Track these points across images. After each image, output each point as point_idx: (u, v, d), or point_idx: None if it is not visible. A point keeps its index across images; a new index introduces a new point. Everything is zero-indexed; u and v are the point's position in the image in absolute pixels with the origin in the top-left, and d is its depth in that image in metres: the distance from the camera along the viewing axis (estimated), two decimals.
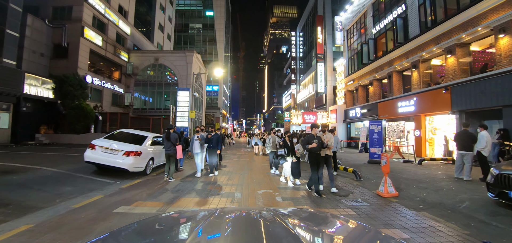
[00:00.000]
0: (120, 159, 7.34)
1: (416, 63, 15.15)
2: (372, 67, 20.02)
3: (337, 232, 1.38)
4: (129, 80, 28.74)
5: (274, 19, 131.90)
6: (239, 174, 9.04)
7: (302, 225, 1.44)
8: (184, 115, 17.23)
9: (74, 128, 17.49)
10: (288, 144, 7.41)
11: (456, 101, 12.21)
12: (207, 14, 54.58)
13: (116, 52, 26.39)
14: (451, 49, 12.66)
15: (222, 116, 53.99)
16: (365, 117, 20.63)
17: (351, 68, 24.29)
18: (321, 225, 1.51)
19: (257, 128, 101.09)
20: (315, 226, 1.49)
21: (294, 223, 1.40)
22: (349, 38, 24.82)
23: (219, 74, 18.44)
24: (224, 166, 10.98)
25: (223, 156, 14.75)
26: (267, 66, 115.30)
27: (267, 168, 10.56)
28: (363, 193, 6.46)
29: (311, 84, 37.29)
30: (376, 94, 19.88)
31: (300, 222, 1.50)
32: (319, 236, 1.32)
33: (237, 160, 13.67)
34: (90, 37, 22.43)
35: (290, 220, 1.46)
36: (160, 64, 28.89)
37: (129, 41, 29.07)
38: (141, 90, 29.27)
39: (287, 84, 61.51)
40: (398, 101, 16.34)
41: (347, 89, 24.95)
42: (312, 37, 37.35)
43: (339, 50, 30.97)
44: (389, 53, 17.85)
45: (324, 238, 1.29)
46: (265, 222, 1.36)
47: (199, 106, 34.02)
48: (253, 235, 1.19)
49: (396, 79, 17.40)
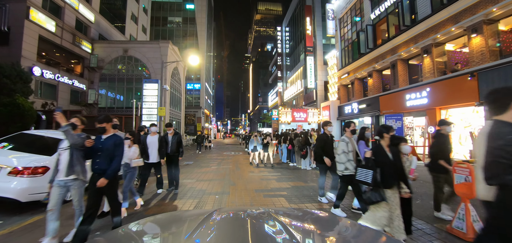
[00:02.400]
0: (3, 181, 4.20)
1: (428, 48, 12.91)
2: (371, 57, 17.75)
3: (336, 232, 1.39)
4: (93, 74, 24.83)
5: (258, 16, 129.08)
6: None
7: (299, 225, 1.43)
8: (152, 113, 14.04)
9: (7, 129, 13.73)
10: None
11: (485, 89, 9.96)
12: (187, 7, 50.92)
13: (76, 41, 22.48)
14: (476, 28, 10.44)
15: (205, 116, 50.55)
16: (364, 113, 18.33)
17: (345, 60, 22.00)
18: (319, 225, 1.51)
19: (243, 128, 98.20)
20: (314, 226, 1.49)
21: (293, 223, 1.41)
22: (343, 27, 22.53)
23: (195, 63, 15.41)
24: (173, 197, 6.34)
25: (192, 168, 11.73)
26: (252, 65, 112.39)
27: None
28: (422, 228, 3.81)
29: (299, 81, 34.93)
30: (376, 87, 17.62)
31: (299, 222, 1.50)
32: (317, 236, 1.31)
33: (213, 181, 9.21)
34: (39, 21, 18.53)
35: (289, 220, 1.45)
36: (130, 56, 25.20)
37: (93, 30, 25.15)
38: (108, 86, 25.38)
39: (273, 82, 59.09)
40: (406, 93, 14.08)
41: (340, 83, 22.64)
42: (300, 30, 35.04)
43: (330, 42, 28.77)
44: (392, 39, 15.61)
45: (322, 238, 1.30)
46: (264, 222, 1.39)
47: (177, 105, 30.61)
48: (253, 234, 1.19)
49: (401, 69, 15.16)
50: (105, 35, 27.14)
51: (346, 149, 4.33)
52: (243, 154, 18.50)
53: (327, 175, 5.65)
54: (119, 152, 3.45)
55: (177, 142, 6.42)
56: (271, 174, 9.10)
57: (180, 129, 32.19)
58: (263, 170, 10.00)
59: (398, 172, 3.13)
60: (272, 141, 12.10)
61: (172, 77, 27.80)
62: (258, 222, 1.40)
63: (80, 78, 23.58)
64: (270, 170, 9.92)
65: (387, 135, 3.27)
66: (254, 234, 1.18)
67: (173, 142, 6.38)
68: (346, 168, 4.29)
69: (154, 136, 6.06)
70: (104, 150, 3.35)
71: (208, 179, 8.20)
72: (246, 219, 1.46)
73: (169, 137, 6.41)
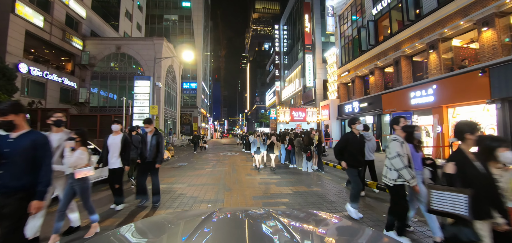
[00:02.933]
0: None
1: (434, 43, 12.29)
2: (373, 54, 17.12)
3: (335, 232, 1.41)
4: (84, 72, 23.96)
5: (255, 15, 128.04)
6: None
7: (298, 225, 1.43)
8: (144, 112, 13.25)
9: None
10: None
11: (497, 86, 9.37)
12: (184, 5, 49.98)
13: (66, 37, 21.61)
14: (487, 21, 9.83)
15: (201, 115, 49.78)
16: (365, 112, 17.70)
17: (346, 58, 21.38)
18: (318, 225, 1.50)
19: (240, 128, 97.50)
20: (313, 226, 1.48)
21: (291, 224, 1.40)
22: (342, 24, 21.90)
23: (190, 58, 14.64)
24: None
25: (184, 170, 11.05)
26: (249, 64, 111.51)
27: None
28: None
29: (297, 79, 34.29)
30: (378, 85, 17.00)
31: (300, 222, 1.50)
32: (316, 236, 1.31)
33: (206, 186, 8.07)
34: (26, 15, 17.66)
35: (288, 221, 1.45)
36: (123, 53, 24.35)
37: (84, 26, 24.27)
38: (100, 84, 24.48)
39: (271, 82, 58.43)
40: (410, 91, 13.46)
41: (340, 81, 22.01)
42: (298, 28, 34.40)
43: (329, 40, 28.17)
44: (395, 35, 14.99)
45: (321, 238, 1.30)
46: (263, 222, 1.40)
47: (173, 104, 29.80)
48: (252, 234, 1.21)
49: (405, 66, 14.54)
50: (97, 32, 26.25)
51: (401, 150, 3.27)
52: (240, 154, 17.80)
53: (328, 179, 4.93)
54: (46, 155, 2.40)
55: (157, 144, 5.03)
56: (270, 177, 8.40)
57: (176, 128, 31.38)
58: (261, 173, 9.30)
59: (492, 193, 2.03)
60: (277, 141, 10.95)
61: (167, 76, 26.99)
62: (259, 223, 1.39)
63: (70, 76, 22.71)
64: (269, 173, 9.22)
65: (471, 136, 2.21)
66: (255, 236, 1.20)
67: (153, 143, 5.01)
68: (399, 176, 3.28)
69: (117, 135, 4.86)
70: (12, 155, 2.22)
71: (201, 183, 7.48)
72: (245, 220, 1.45)
73: (148, 137, 5.05)
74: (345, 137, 4.63)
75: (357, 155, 4.50)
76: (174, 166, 11.75)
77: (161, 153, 5.06)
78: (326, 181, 7.61)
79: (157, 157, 5.02)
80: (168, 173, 9.45)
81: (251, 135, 23.87)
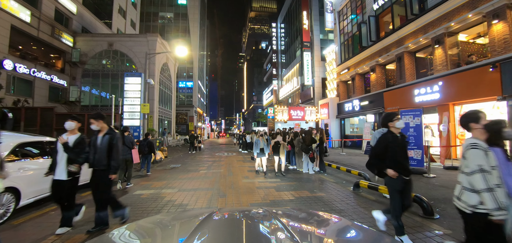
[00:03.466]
0: None
1: (440, 38, 11.74)
2: (374, 50, 16.57)
3: (335, 232, 1.40)
4: (75, 70, 23.07)
5: (252, 14, 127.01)
6: None
7: (298, 226, 1.42)
8: (134, 110, 12.52)
9: None
10: None
11: (509, 82, 8.83)
12: (179, 3, 49.09)
13: (55, 33, 20.71)
14: (498, 13, 9.30)
15: (197, 115, 48.99)
16: (366, 110, 17.15)
17: (345, 55, 20.82)
18: (318, 225, 1.49)
19: (237, 127, 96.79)
20: (313, 226, 1.48)
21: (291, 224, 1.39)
22: (342, 20, 21.34)
23: (184, 54, 13.91)
24: None
25: (177, 173, 10.40)
26: (246, 63, 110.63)
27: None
28: None
29: (295, 78, 33.69)
30: (380, 82, 16.45)
31: (298, 222, 1.49)
32: (316, 236, 1.30)
33: (199, 191, 7.97)
34: (11, 9, 16.77)
35: (287, 220, 1.44)
36: (115, 50, 23.49)
37: (75, 22, 23.37)
38: (92, 83, 23.59)
39: (268, 81, 57.81)
40: (414, 88, 12.91)
41: (340, 79, 21.45)
42: (296, 25, 33.81)
43: (328, 37, 27.58)
44: (398, 30, 14.44)
45: (322, 238, 1.30)
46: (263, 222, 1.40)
47: (168, 103, 29.02)
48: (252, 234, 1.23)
49: (408, 62, 14.00)
50: (89, 28, 25.33)
51: (485, 163, 2.14)
52: (236, 154, 17.15)
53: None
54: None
55: (108, 146, 3.76)
56: (269, 180, 7.76)
57: (171, 128, 30.60)
58: (259, 176, 8.65)
59: None
60: (284, 141, 9.72)
61: (161, 74, 26.20)
62: (260, 224, 1.40)
63: (60, 73, 21.82)
64: (268, 176, 8.57)
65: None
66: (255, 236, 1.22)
67: (103, 147, 3.74)
68: (480, 202, 2.14)
69: (72, 136, 3.82)
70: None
71: (193, 187, 6.81)
72: (244, 220, 1.45)
73: (97, 138, 3.81)
74: (383, 139, 3.41)
75: (402, 160, 3.32)
76: (167, 167, 11.07)
77: (115, 160, 3.78)
78: (330, 184, 6.98)
79: (109, 165, 3.74)
80: (159, 176, 8.76)
81: (249, 134, 23.25)
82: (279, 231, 1.22)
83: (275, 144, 8.76)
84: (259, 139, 8.81)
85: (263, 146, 8.65)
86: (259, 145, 8.71)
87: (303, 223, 1.51)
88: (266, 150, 8.71)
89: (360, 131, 20.27)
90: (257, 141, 8.87)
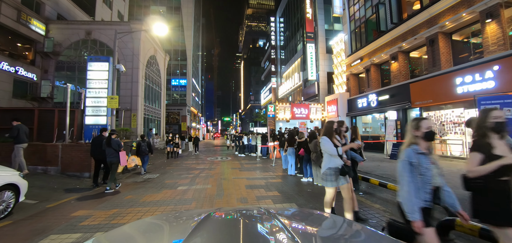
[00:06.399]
0: None
1: (493, 10, 9.12)
2: (396, 35, 13.92)
3: (336, 232, 1.36)
4: (47, 62, 20.10)
5: (249, 11, 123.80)
6: None
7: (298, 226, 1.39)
8: (100, 105, 9.69)
9: None
10: None
11: None
12: None
13: (22, 18, 17.78)
14: None
15: (191, 114, 46.07)
16: (386, 106, 14.47)
17: (357, 44, 18.18)
18: (319, 225, 1.47)
19: (234, 128, 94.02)
20: (313, 227, 1.44)
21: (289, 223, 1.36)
22: (353, 4, 18.69)
23: (163, 33, 11.17)
24: None
25: (146, 189, 7.67)
26: (243, 62, 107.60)
27: None
28: None
29: (296, 74, 31.01)
30: (403, 73, 13.81)
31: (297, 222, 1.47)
32: (317, 236, 1.28)
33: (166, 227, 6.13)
34: None
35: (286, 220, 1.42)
36: (94, 40, 20.57)
37: (49, 8, 20.41)
38: (67, 76, 20.60)
39: (266, 79, 55.06)
40: (455, 75, 10.27)
41: (350, 72, 18.81)
42: (297, 17, 31.20)
43: (333, 28, 24.97)
44: (428, 7, 11.81)
45: (322, 238, 1.27)
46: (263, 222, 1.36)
47: (156, 100, 26.11)
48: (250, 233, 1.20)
49: (443, 45, 11.35)
50: (66, 16, 22.34)
51: None
52: (232, 159, 14.38)
53: None
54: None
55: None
56: (272, 197, 5.01)
57: (160, 128, 27.71)
58: (259, 190, 5.90)
59: None
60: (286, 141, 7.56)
61: (148, 67, 23.32)
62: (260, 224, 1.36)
63: (29, 66, 18.87)
64: (269, 191, 5.80)
65: None
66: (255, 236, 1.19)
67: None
68: None
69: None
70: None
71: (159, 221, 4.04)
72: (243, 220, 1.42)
73: None
74: None
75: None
76: (138, 180, 8.27)
77: None
78: (374, 213, 4.26)
79: None
80: (118, 196, 5.97)
81: (246, 135, 20.48)
82: (280, 230, 1.19)
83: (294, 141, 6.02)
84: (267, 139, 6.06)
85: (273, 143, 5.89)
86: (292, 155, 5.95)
87: (303, 223, 1.48)
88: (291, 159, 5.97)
89: (374, 130, 17.63)
90: None
